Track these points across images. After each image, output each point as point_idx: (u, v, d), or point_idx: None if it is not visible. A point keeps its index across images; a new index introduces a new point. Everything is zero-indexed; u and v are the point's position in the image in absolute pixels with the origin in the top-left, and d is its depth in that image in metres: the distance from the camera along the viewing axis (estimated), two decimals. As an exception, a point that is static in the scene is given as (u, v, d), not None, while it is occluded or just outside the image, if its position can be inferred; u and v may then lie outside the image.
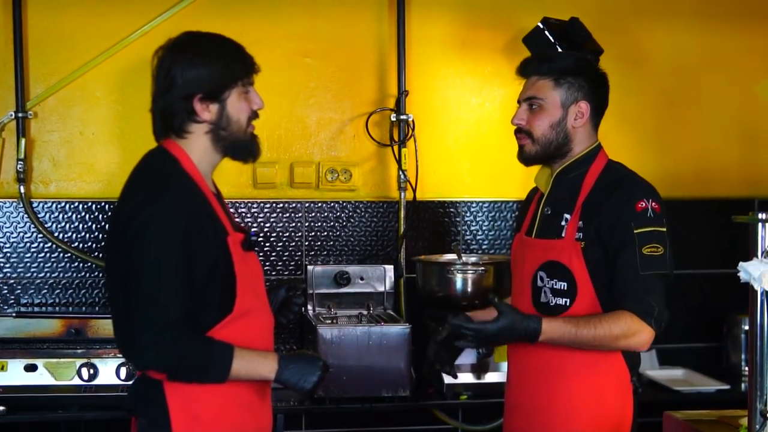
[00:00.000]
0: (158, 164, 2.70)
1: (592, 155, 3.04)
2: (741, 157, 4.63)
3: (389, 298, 4.24)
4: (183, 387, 2.62)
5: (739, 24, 4.61)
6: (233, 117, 2.70)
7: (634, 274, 2.84)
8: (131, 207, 2.61)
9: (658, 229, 2.88)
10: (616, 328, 2.82)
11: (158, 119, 2.72)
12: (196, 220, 2.61)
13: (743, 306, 4.16)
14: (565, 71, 3.02)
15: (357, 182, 4.33)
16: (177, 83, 2.65)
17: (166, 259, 2.54)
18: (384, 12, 4.35)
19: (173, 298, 2.54)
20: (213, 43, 2.73)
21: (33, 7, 4.09)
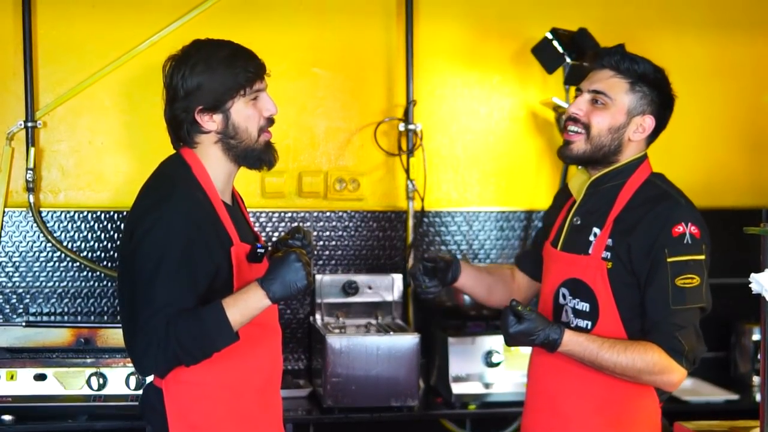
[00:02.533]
0: (169, 171, 2.71)
1: (633, 166, 2.84)
2: (749, 166, 4.64)
3: (397, 307, 4.24)
4: (182, 395, 2.63)
5: (747, 33, 4.62)
6: (240, 126, 2.67)
7: (665, 307, 2.66)
8: (137, 213, 2.64)
9: (694, 257, 2.68)
10: (640, 361, 2.64)
11: (170, 129, 2.73)
12: (199, 227, 2.60)
13: (751, 315, 4.23)
14: (644, 78, 2.82)
15: (365, 192, 4.34)
16: (179, 94, 2.65)
17: (165, 263, 2.54)
18: (392, 22, 4.36)
19: (172, 296, 2.53)
20: (215, 51, 2.67)
21: (42, 16, 4.10)
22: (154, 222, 2.57)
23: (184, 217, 2.58)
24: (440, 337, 4.05)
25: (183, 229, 2.57)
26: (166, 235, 2.55)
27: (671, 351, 2.65)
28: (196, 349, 2.54)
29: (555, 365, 2.83)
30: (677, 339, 2.64)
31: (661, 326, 2.67)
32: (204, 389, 2.65)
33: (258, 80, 2.70)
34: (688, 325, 2.66)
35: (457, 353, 3.94)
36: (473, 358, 3.93)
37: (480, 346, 3.93)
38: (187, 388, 2.64)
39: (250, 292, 2.57)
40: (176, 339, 2.51)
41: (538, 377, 2.94)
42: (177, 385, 2.63)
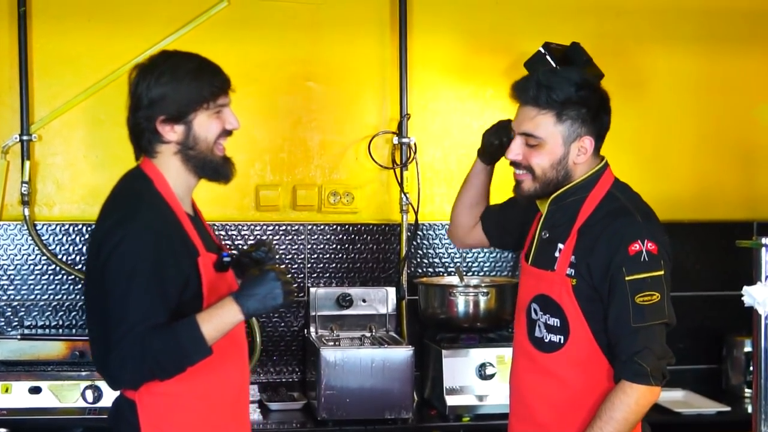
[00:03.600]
0: (132, 185, 2.71)
1: (593, 180, 2.79)
2: (740, 180, 4.66)
3: (391, 320, 4.26)
4: (156, 407, 2.62)
5: (738, 48, 4.65)
6: (200, 136, 2.66)
7: (626, 326, 2.63)
8: (104, 229, 2.62)
9: (652, 274, 2.63)
10: (617, 412, 2.62)
11: (132, 138, 2.72)
12: (167, 240, 2.60)
13: (743, 328, 4.26)
14: (567, 103, 2.73)
15: (359, 205, 4.35)
16: (143, 103, 2.64)
17: (135, 278, 2.53)
18: (386, 36, 4.38)
19: (145, 311, 2.53)
20: (182, 63, 2.68)
21: (38, 30, 4.11)
22: (122, 237, 2.55)
23: (151, 231, 2.58)
24: (434, 350, 4.06)
25: (151, 242, 2.56)
26: (135, 250, 2.55)
27: (635, 377, 2.63)
28: (171, 364, 2.55)
29: (535, 374, 2.84)
30: (638, 364, 2.62)
31: (622, 350, 2.65)
32: (178, 400, 2.64)
33: (222, 95, 2.71)
34: (650, 344, 2.63)
35: (451, 366, 3.95)
36: (467, 370, 3.95)
37: (474, 358, 3.94)
38: (161, 400, 2.63)
39: (224, 308, 2.57)
40: (152, 355, 2.51)
41: (518, 386, 2.93)
42: (151, 397, 2.62)
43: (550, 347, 2.77)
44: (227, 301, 2.57)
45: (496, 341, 4.09)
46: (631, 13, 4.56)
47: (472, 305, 4.04)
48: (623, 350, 2.65)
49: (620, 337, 2.66)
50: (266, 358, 4.24)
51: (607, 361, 2.72)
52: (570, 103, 2.73)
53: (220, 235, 4.21)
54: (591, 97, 2.77)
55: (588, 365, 2.72)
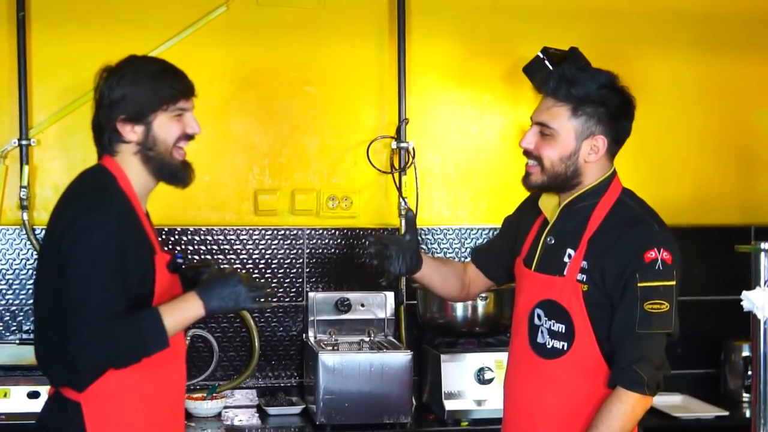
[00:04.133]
0: (95, 179, 2.76)
1: (604, 186, 2.79)
2: (738, 184, 4.67)
3: (390, 324, 4.26)
4: (101, 408, 2.64)
5: (736, 53, 4.66)
6: (159, 137, 2.73)
7: (630, 330, 2.64)
8: (67, 219, 2.65)
9: (665, 283, 2.65)
10: (614, 421, 2.63)
11: (95, 136, 2.80)
12: (130, 233, 2.66)
13: (741, 332, 4.26)
14: (586, 99, 2.73)
15: (358, 209, 4.35)
16: (104, 102, 2.73)
17: (99, 267, 2.58)
18: (384, 40, 4.39)
19: (106, 299, 2.57)
20: (145, 66, 2.76)
21: (37, 35, 4.11)
22: (88, 226, 2.60)
23: (115, 223, 2.63)
24: (432, 355, 4.06)
25: (115, 234, 2.61)
26: (100, 240, 2.59)
27: (632, 384, 2.63)
28: (129, 352, 2.59)
29: (534, 381, 2.83)
30: (635, 371, 2.62)
31: (622, 356, 2.65)
32: (123, 401, 2.67)
33: (183, 99, 2.77)
34: (650, 353, 2.64)
35: (450, 370, 3.95)
36: (465, 375, 3.95)
37: (472, 363, 3.94)
38: (107, 401, 2.65)
39: (187, 302, 2.65)
40: (113, 342, 2.56)
41: (514, 393, 2.92)
42: (97, 399, 2.64)
43: (552, 353, 2.76)
44: (190, 296, 2.66)
45: (495, 346, 4.09)
46: (630, 18, 4.57)
47: (471, 310, 4.04)
48: (623, 356, 2.65)
49: (622, 342, 2.65)
50: (264, 363, 4.24)
51: (609, 369, 2.71)
52: (588, 100, 2.73)
53: (218, 239, 4.21)
54: (611, 98, 2.77)
55: (590, 373, 2.72)
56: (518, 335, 2.90)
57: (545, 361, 2.78)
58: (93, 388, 2.64)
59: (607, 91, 2.77)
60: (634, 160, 4.55)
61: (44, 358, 2.75)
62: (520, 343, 2.88)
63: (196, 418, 3.94)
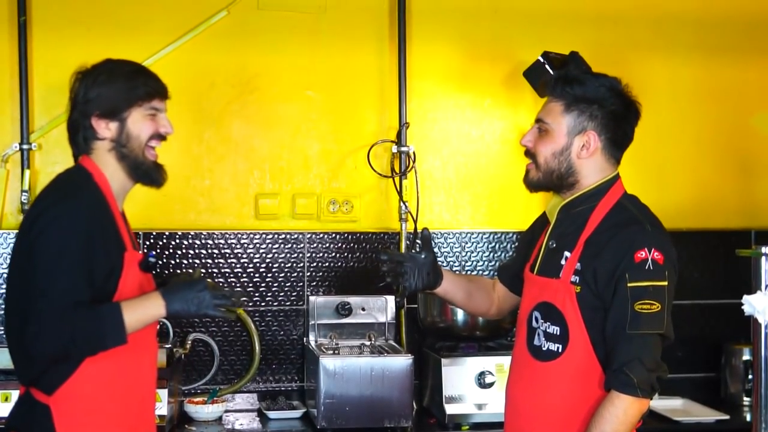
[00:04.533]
0: (69, 175, 2.80)
1: (603, 189, 2.79)
2: (738, 188, 4.67)
3: (391, 328, 4.26)
4: (71, 411, 2.64)
5: (736, 57, 4.66)
6: (133, 134, 2.77)
7: (621, 333, 2.62)
8: (37, 209, 2.69)
9: (655, 283, 2.62)
10: (607, 425, 2.60)
11: (70, 136, 2.83)
12: (100, 225, 2.68)
13: (741, 336, 4.27)
14: (581, 97, 2.77)
15: (358, 213, 4.36)
16: (79, 101, 2.78)
17: (65, 254, 2.59)
18: (385, 45, 4.39)
19: (67, 287, 2.57)
20: (120, 66, 2.83)
21: (38, 39, 4.12)
22: (57, 215, 2.63)
23: (86, 213, 2.66)
24: (433, 358, 4.06)
25: (84, 224, 2.64)
26: (68, 228, 2.61)
27: (622, 387, 2.60)
28: (86, 344, 2.59)
29: (530, 383, 2.83)
30: (624, 374, 2.60)
31: (614, 358, 2.63)
32: (93, 404, 2.67)
33: (157, 98, 2.83)
34: (642, 354, 2.61)
35: (450, 374, 3.95)
36: (466, 378, 3.94)
37: (473, 367, 3.94)
38: (76, 404, 2.65)
39: (149, 300, 2.66)
40: (70, 330, 2.55)
41: (514, 396, 2.92)
42: (66, 401, 2.64)
43: (547, 356, 2.76)
44: (153, 294, 2.67)
45: (495, 350, 4.10)
46: (630, 22, 4.58)
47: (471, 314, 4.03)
48: (615, 358, 2.63)
49: (615, 344, 2.64)
50: (265, 367, 4.24)
51: (603, 372, 2.70)
52: (583, 98, 2.77)
53: (219, 243, 4.21)
54: (608, 97, 2.79)
55: (584, 375, 2.70)
56: (518, 338, 2.91)
57: (541, 363, 2.78)
58: (62, 391, 2.64)
59: (604, 90, 2.79)
60: (634, 165, 4.53)
61: (14, 352, 2.73)
62: (520, 346, 2.89)
63: (197, 422, 3.95)
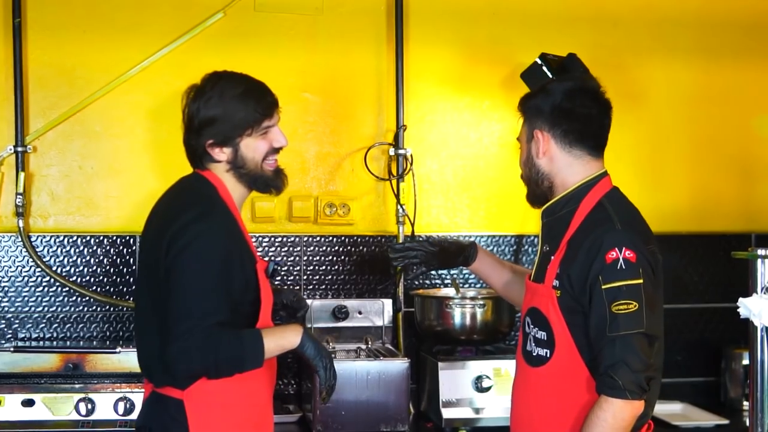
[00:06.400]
0: (199, 188, 2.86)
1: (583, 189, 2.77)
2: (738, 191, 4.65)
3: (388, 332, 4.24)
4: (203, 406, 2.73)
5: (735, 59, 4.65)
6: (248, 156, 2.85)
7: (603, 336, 2.60)
8: (179, 225, 2.73)
9: (629, 282, 2.58)
10: (595, 429, 2.58)
11: (188, 154, 2.91)
12: (234, 242, 2.77)
13: (741, 340, 4.23)
14: (530, 104, 2.83)
15: (355, 216, 4.34)
16: (193, 125, 2.84)
17: (206, 275, 2.67)
18: (382, 47, 4.37)
19: (211, 307, 2.66)
20: (231, 88, 2.85)
21: (33, 41, 4.10)
22: (197, 235, 2.69)
23: (223, 232, 2.74)
24: (430, 362, 4.04)
25: (222, 243, 2.72)
26: (208, 249, 2.69)
27: (609, 390, 2.58)
28: (227, 365, 2.69)
29: (525, 388, 2.84)
30: (610, 377, 2.58)
31: (600, 365, 2.62)
32: (223, 399, 2.76)
33: (267, 118, 2.89)
34: (626, 356, 2.57)
35: (448, 378, 3.93)
36: (463, 382, 3.93)
37: (470, 370, 3.92)
38: (208, 399, 2.74)
39: (289, 330, 2.80)
40: (214, 351, 2.65)
41: (514, 401, 2.92)
42: (198, 396, 2.74)
43: (537, 361, 2.77)
44: (294, 327, 2.80)
45: (493, 353, 4.07)
46: (629, 25, 4.56)
47: (469, 317, 4.01)
48: (601, 362, 2.62)
49: (600, 348, 2.62)
50: (262, 371, 4.22)
51: (591, 375, 2.68)
52: (533, 104, 2.83)
53: (215, 246, 4.19)
54: (553, 93, 2.81)
55: (572, 380, 2.69)
56: (518, 343, 2.92)
57: (532, 369, 2.79)
58: (196, 386, 2.73)
59: (548, 88, 2.83)
60: (632, 167, 4.55)
61: (147, 363, 2.84)
62: (518, 352, 2.91)
63: (192, 427, 3.92)
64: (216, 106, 2.82)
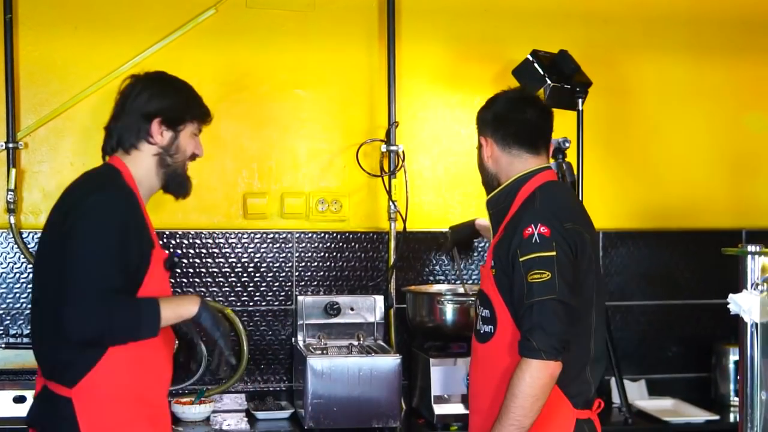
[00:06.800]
0: (104, 171, 2.89)
1: (520, 182, 3.00)
2: (729, 188, 4.67)
3: (379, 328, 4.25)
4: (92, 402, 2.69)
5: (726, 56, 4.66)
6: (182, 147, 2.92)
7: (522, 304, 2.81)
8: (75, 197, 2.78)
9: (542, 254, 2.80)
10: (515, 387, 2.76)
11: (114, 134, 2.91)
12: (133, 218, 2.77)
13: (732, 336, 4.24)
14: (478, 113, 3.15)
15: (347, 213, 4.34)
16: (143, 104, 2.88)
17: (103, 242, 2.67)
18: (374, 43, 4.38)
19: (107, 273, 2.65)
20: (183, 83, 3.00)
21: (24, 38, 4.10)
22: (94, 204, 2.72)
23: (121, 205, 2.75)
24: (422, 359, 4.05)
25: (120, 214, 2.73)
26: (106, 217, 2.71)
27: (527, 352, 2.77)
28: (123, 331, 2.68)
29: (477, 365, 3.05)
30: (527, 340, 2.77)
31: (520, 330, 2.81)
32: (113, 394, 2.72)
33: (204, 122, 3.00)
34: (542, 320, 2.77)
35: (439, 374, 3.94)
36: (455, 379, 3.93)
37: (462, 367, 3.93)
38: (97, 395, 2.70)
39: (186, 299, 2.80)
40: (109, 316, 2.64)
41: (473, 378, 3.11)
42: (87, 393, 2.70)
43: (484, 338, 2.98)
44: (192, 297, 2.80)
45: (485, 350, 4.07)
46: (620, 21, 4.57)
47: (460, 314, 4.02)
48: (521, 327, 2.82)
49: (520, 315, 2.82)
50: (253, 367, 4.22)
51: None
52: (479, 115, 3.16)
53: (207, 243, 4.19)
54: (493, 104, 3.12)
55: (514, 352, 2.84)
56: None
57: (481, 345, 2.99)
58: (83, 383, 2.69)
59: (493, 97, 3.15)
60: (623, 163, 4.56)
61: (39, 341, 2.82)
62: (473, 333, 3.10)
63: (184, 423, 3.92)
64: (172, 93, 2.92)
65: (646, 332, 4.56)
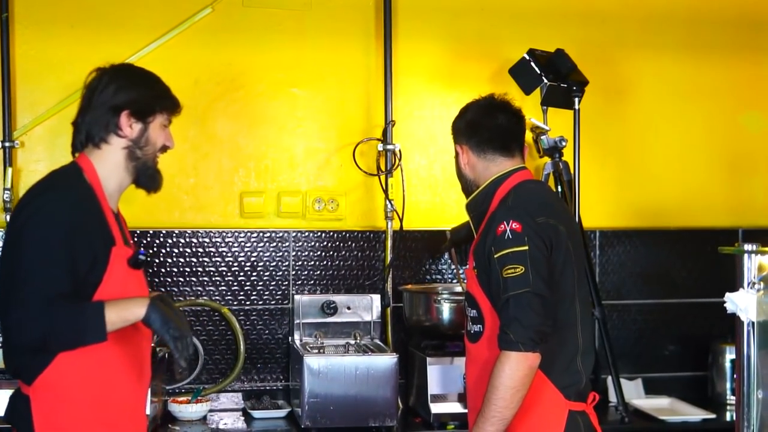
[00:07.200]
0: (60, 172, 2.84)
1: (496, 183, 3.07)
2: (726, 187, 4.67)
3: (376, 327, 4.25)
4: (48, 401, 2.66)
5: (724, 55, 4.66)
6: (152, 139, 2.85)
7: (499, 300, 2.87)
8: (26, 198, 2.75)
9: (515, 249, 2.86)
10: (495, 379, 2.81)
11: (82, 129, 2.84)
12: (83, 217, 2.71)
13: (728, 335, 4.25)
14: (453, 123, 3.24)
15: (344, 212, 4.34)
16: (110, 96, 2.81)
17: (51, 242, 2.62)
18: (371, 42, 4.38)
19: (51, 278, 2.60)
20: (149, 74, 2.93)
21: (21, 36, 4.10)
22: (40, 206, 2.67)
23: (69, 205, 2.70)
24: (419, 357, 4.05)
25: (68, 215, 2.67)
26: (51, 219, 2.65)
27: (505, 345, 2.82)
28: (66, 337, 2.61)
29: (470, 365, 3.10)
30: (505, 333, 2.83)
31: (500, 323, 2.86)
32: (68, 394, 2.68)
33: (174, 113, 2.93)
34: (518, 313, 2.82)
35: (436, 373, 3.94)
36: (452, 377, 3.93)
37: (458, 365, 3.92)
38: (53, 393, 2.67)
39: (132, 302, 2.66)
40: (50, 320, 2.58)
41: (468, 378, 3.15)
42: (44, 392, 2.67)
43: (475, 337, 3.03)
44: (140, 299, 2.67)
45: (481, 349, 4.08)
46: (617, 20, 4.57)
47: (457, 313, 4.02)
48: (500, 321, 2.87)
49: (498, 310, 2.88)
50: (250, 366, 4.23)
51: None
52: (453, 125, 3.26)
53: (204, 242, 4.19)
54: (466, 112, 3.22)
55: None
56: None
57: (472, 345, 3.05)
58: (39, 381, 2.66)
59: (466, 106, 3.24)
60: (620, 162, 4.57)
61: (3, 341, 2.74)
62: (464, 335, 3.15)
63: (180, 422, 3.92)
64: (139, 84, 2.86)
65: (643, 331, 4.56)
